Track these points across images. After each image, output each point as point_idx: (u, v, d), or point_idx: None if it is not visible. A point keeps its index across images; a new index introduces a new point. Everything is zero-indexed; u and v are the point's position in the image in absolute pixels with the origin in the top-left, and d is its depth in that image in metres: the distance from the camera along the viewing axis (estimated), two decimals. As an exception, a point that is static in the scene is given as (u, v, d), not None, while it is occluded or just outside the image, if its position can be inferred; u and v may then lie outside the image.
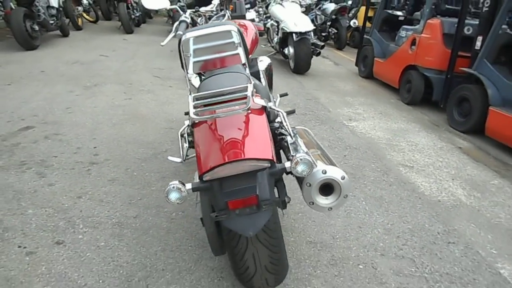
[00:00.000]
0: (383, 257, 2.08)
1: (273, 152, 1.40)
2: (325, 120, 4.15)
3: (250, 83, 1.49)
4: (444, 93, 4.71)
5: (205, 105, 1.42)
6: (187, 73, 1.59)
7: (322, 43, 6.18)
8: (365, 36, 6.59)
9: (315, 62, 6.44)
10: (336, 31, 9.24)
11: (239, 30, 1.57)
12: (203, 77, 2.43)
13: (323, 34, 9.09)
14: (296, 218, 2.33)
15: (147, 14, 11.77)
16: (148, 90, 4.77)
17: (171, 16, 9.49)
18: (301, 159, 1.36)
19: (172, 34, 2.50)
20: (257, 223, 1.36)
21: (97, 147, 3.13)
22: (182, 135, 1.85)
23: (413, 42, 5.13)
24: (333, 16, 8.85)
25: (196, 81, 2.43)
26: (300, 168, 1.37)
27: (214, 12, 2.91)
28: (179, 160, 2.75)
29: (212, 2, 3.08)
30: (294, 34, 5.89)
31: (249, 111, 1.43)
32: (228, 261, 1.91)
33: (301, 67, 6.17)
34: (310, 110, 4.40)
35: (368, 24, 6.80)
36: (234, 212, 1.34)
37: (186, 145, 1.82)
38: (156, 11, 12.64)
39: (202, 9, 2.79)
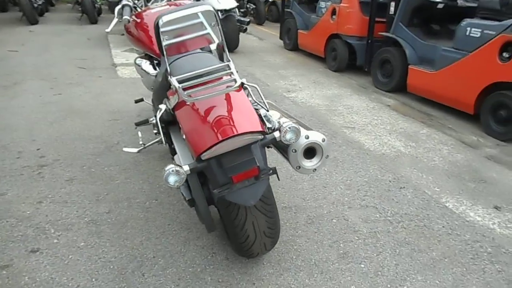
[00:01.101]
0: (351, 209, 2.30)
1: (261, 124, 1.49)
2: (266, 94, 4.29)
3: (229, 61, 1.55)
4: (367, 58, 5.09)
5: (190, 87, 1.45)
6: (164, 56, 1.57)
7: (248, 19, 6.27)
8: (286, 9, 6.79)
9: (241, 39, 6.51)
10: (254, 6, 9.36)
11: (215, 10, 1.59)
12: (155, 61, 2.40)
13: (242, 10, 9.12)
14: (267, 187, 2.46)
15: (49, 2, 10.80)
16: (77, 83, 4.50)
17: (79, 2, 8.83)
18: (289, 128, 1.47)
19: (115, 20, 2.42)
20: (257, 192, 1.45)
21: (41, 148, 2.94)
22: (156, 121, 1.83)
23: (334, 12, 5.43)
24: (250, -8, 8.93)
25: (147, 66, 2.39)
26: (288, 136, 1.48)
27: (153, -6, 2.84)
28: (135, 150, 2.71)
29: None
30: (219, 12, 5.88)
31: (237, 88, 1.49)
32: (216, 237, 2.00)
33: (230, 45, 6.20)
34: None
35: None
36: (236, 186, 1.42)
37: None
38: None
39: (141, -10, 2.71)
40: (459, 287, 1.76)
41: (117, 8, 2.42)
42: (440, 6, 4.23)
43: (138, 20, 2.45)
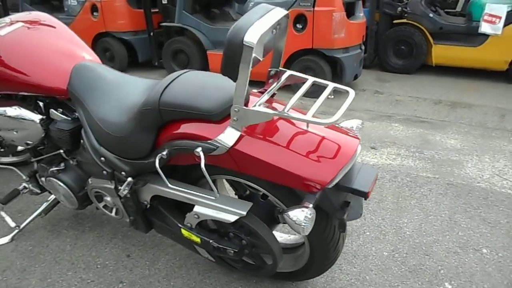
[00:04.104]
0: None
1: None
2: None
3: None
4: (153, 51, 4.85)
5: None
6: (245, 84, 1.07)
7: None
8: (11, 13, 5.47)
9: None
10: None
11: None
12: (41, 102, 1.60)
13: None
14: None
15: None
16: None
17: None
18: (361, 125, 1.36)
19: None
20: (360, 200, 1.30)
21: None
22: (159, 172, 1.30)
23: (94, 9, 4.81)
24: None
25: (26, 113, 1.60)
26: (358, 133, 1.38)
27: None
28: (7, 239, 1.85)
29: None
30: None
31: None
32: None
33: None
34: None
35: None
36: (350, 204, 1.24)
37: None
38: None
39: None
40: (486, 219, 2.12)
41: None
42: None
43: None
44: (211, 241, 1.38)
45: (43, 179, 1.72)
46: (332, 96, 1.25)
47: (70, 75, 1.52)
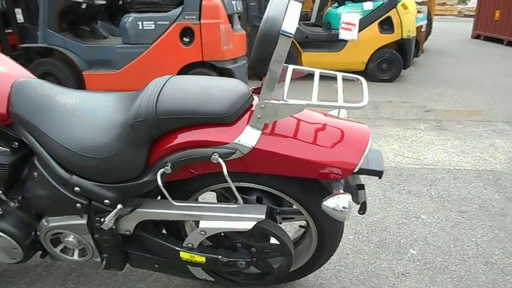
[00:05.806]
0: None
1: None
2: None
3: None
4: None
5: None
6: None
7: None
8: None
9: None
10: None
11: None
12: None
13: None
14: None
15: None
16: None
17: None
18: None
19: None
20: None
21: None
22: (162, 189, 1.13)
23: None
24: None
25: None
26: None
27: None
28: None
29: None
30: None
31: None
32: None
33: None
34: None
35: None
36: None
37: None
38: None
39: None
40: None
41: None
42: (84, 6, 4.06)
43: None
44: (219, 257, 1.26)
45: (-37, 234, 1.29)
46: (336, 85, 1.28)
47: (9, 95, 1.20)
